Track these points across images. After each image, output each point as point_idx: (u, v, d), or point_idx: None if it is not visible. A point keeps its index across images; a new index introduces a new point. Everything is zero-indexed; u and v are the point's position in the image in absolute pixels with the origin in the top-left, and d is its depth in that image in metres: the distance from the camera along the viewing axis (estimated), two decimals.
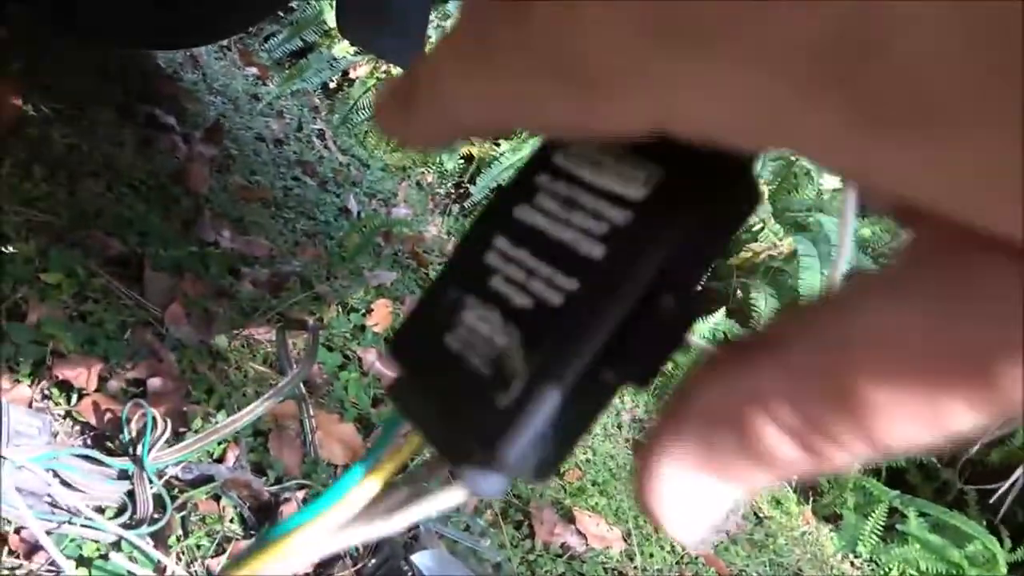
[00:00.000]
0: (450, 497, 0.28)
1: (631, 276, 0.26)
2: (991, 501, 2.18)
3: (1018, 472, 2.09)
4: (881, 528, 2.06)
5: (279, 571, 0.28)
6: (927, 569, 1.99)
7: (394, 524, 0.29)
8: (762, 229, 2.38)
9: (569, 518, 1.39)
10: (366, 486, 0.30)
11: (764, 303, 2.18)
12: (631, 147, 0.29)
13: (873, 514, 2.08)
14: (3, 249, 1.03)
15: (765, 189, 2.45)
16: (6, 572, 0.70)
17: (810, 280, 2.10)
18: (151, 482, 0.85)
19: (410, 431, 0.31)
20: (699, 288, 0.28)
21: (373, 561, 0.96)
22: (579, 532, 1.36)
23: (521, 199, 0.31)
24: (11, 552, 0.72)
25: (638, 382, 0.27)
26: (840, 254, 0.36)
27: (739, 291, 2.39)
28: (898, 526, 2.09)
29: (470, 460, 0.27)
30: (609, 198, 0.28)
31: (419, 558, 0.96)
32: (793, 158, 2.43)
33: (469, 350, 0.28)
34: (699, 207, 0.27)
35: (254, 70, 2.50)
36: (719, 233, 0.28)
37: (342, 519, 0.30)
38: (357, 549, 0.97)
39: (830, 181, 2.46)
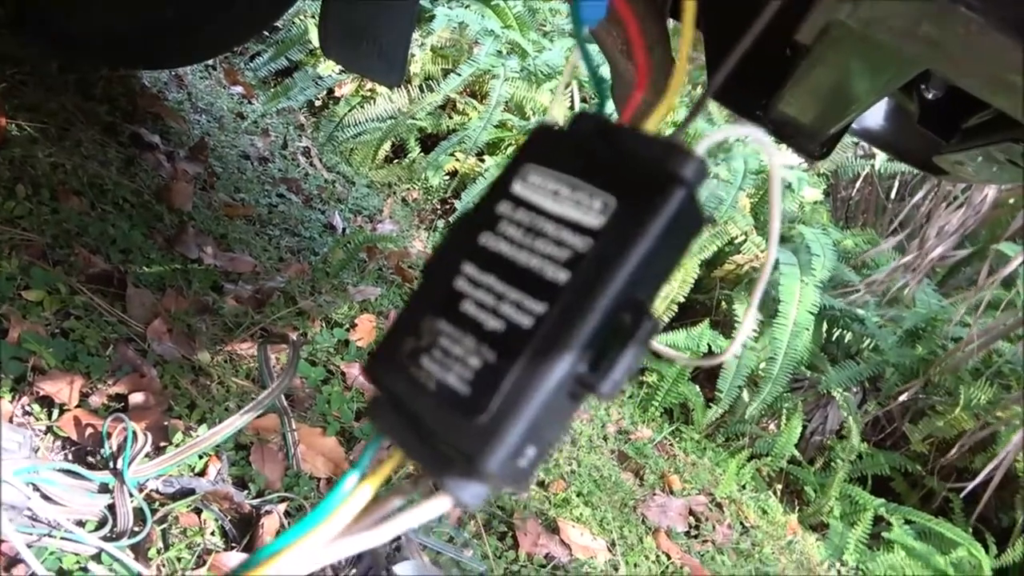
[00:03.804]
0: (434, 507, 0.30)
1: (596, 299, 0.29)
2: (974, 507, 2.20)
3: (987, 469, 2.10)
4: (867, 536, 2.07)
5: None
6: None
7: (382, 535, 0.31)
8: (744, 241, 2.40)
9: (553, 529, 1.39)
10: (357, 497, 0.32)
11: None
12: (585, 175, 0.32)
13: (859, 522, 2.09)
14: None
15: (747, 202, 2.47)
16: None
17: (790, 289, 2.12)
18: (132, 495, 0.86)
19: (392, 445, 0.33)
20: (653, 306, 0.30)
21: (354, 572, 0.96)
22: (563, 543, 1.37)
23: (485, 227, 0.33)
24: None
25: (604, 394, 0.29)
26: (772, 231, 0.38)
27: (722, 302, 2.41)
28: (884, 534, 2.10)
29: (452, 472, 0.30)
30: (569, 226, 0.30)
31: (401, 569, 0.97)
32: None
33: (446, 371, 0.30)
34: (652, 234, 0.29)
35: (239, 89, 2.52)
36: (671, 256, 0.31)
37: (333, 532, 0.31)
38: (338, 560, 0.97)
39: (810, 193, 2.49)
